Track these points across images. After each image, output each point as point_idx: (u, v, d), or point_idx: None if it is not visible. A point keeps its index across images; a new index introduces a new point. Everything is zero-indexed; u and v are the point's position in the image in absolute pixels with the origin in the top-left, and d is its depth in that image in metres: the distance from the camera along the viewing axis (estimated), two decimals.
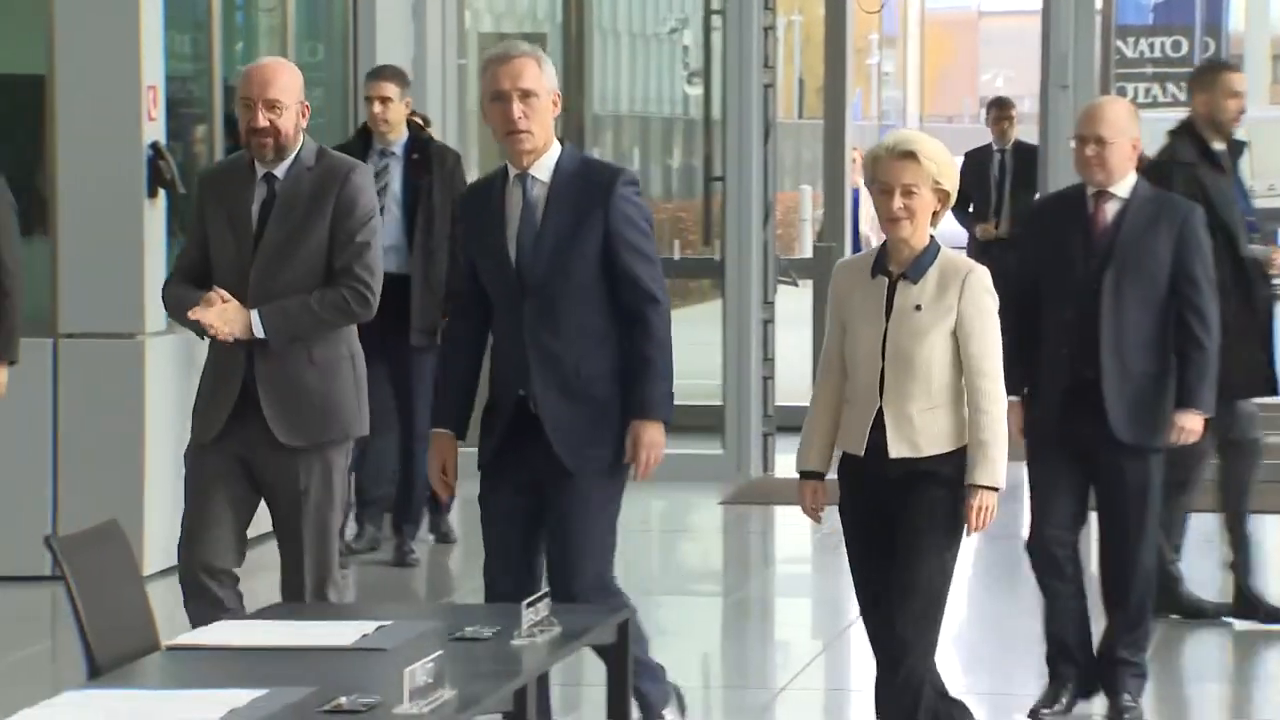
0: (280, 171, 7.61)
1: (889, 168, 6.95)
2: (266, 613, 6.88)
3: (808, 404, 17.85)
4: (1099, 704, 8.77)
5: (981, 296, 7.01)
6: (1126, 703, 8.64)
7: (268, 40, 14.66)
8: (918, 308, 6.95)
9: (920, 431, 6.99)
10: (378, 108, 12.19)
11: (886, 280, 7.01)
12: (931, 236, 7.01)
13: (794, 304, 17.73)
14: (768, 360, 15.51)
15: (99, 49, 11.90)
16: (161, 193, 11.93)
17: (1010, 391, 8.62)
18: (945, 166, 6.98)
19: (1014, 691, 9.56)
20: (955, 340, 6.98)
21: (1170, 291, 8.54)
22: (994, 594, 12.15)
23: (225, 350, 7.54)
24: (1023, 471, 8.55)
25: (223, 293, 7.43)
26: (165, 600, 7.45)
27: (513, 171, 7.37)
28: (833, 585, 13.17)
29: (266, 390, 7.46)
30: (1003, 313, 8.24)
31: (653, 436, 7.39)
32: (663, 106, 21.61)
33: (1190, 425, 8.55)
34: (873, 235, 20.11)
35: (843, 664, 10.80)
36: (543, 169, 7.31)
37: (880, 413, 6.99)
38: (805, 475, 7.25)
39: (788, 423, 15.94)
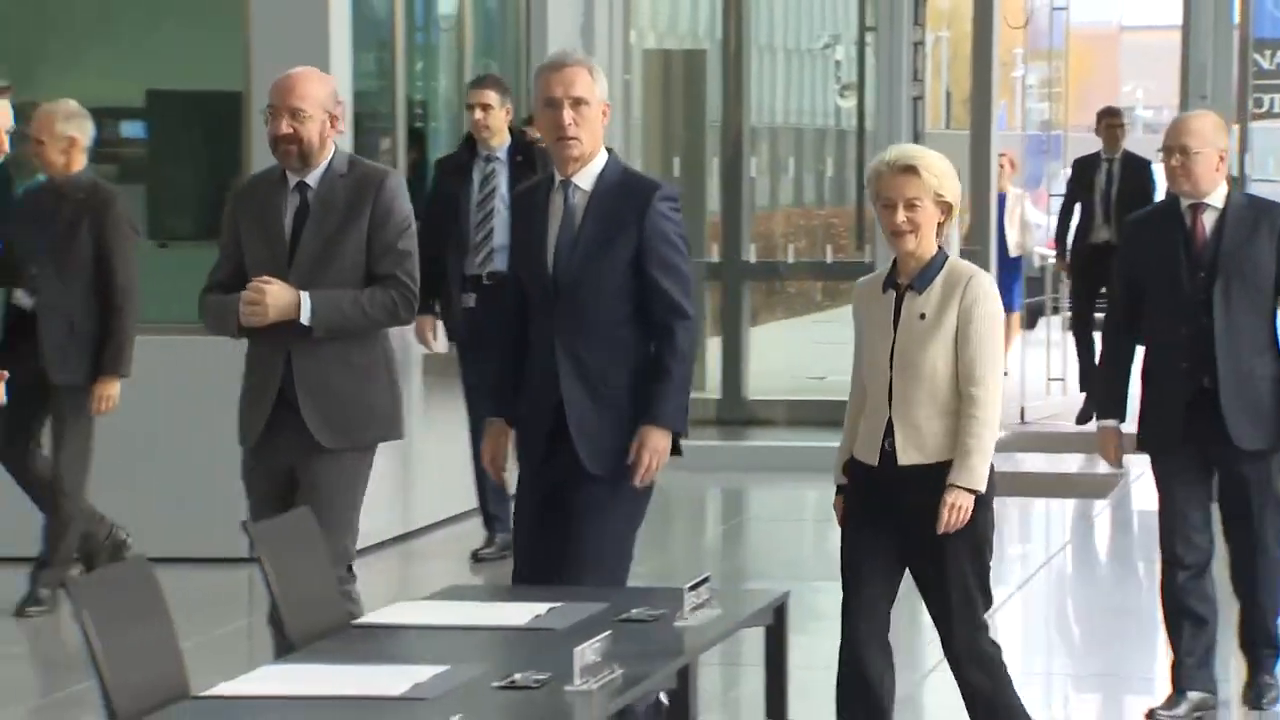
0: (313, 180, 7.31)
1: (891, 183, 6.83)
2: (445, 594, 6.94)
3: None
4: (1235, 682, 8.76)
5: (981, 302, 6.85)
6: (1266, 681, 8.60)
7: (446, 59, 14.75)
8: (922, 316, 6.83)
9: (929, 438, 6.84)
10: (479, 114, 12.13)
11: (895, 293, 6.91)
12: (940, 247, 6.89)
13: None
14: None
15: (291, 61, 12.03)
16: None
17: (1109, 415, 8.58)
18: (945, 178, 6.86)
19: (1121, 672, 9.56)
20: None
21: (1276, 294, 8.44)
22: (1104, 578, 12.12)
23: (263, 354, 7.32)
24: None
25: (265, 279, 7.14)
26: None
27: (558, 177, 7.19)
28: (1023, 549, 13.23)
29: (304, 394, 7.21)
30: (1108, 334, 8.18)
31: (658, 443, 7.07)
32: (816, 118, 21.56)
33: None
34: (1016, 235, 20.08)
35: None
36: (586, 177, 7.13)
37: (890, 422, 6.87)
38: (839, 489, 7.17)
39: None
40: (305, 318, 7.07)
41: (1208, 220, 8.41)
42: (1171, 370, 8.37)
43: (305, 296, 7.08)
